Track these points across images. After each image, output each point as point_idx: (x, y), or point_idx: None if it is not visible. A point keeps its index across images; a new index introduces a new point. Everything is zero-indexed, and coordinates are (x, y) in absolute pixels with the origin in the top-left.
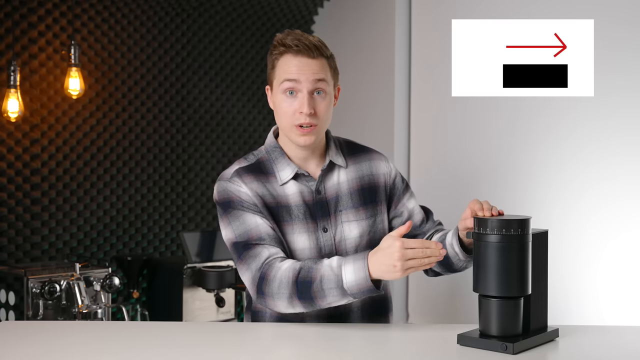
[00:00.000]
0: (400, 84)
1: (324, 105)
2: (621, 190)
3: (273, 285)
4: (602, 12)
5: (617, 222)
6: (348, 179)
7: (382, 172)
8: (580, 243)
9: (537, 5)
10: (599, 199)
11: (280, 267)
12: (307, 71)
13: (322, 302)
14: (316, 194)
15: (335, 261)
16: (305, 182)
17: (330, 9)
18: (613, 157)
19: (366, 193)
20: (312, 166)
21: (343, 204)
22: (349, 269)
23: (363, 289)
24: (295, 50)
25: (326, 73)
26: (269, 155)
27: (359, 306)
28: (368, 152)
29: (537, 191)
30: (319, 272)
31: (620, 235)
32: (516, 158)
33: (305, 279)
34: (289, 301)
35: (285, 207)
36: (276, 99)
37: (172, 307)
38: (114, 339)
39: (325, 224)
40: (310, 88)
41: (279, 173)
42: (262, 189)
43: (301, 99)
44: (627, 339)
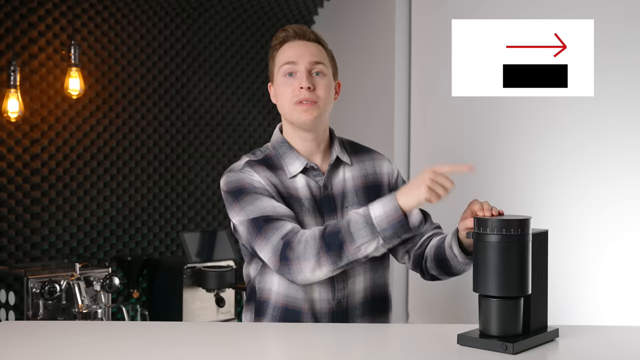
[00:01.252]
0: (400, 84)
1: (322, 84)
2: (621, 190)
3: (299, 248)
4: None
5: (618, 222)
6: (353, 176)
7: (386, 171)
8: (580, 243)
9: (537, 5)
10: (599, 199)
11: (304, 233)
12: (304, 52)
13: (351, 248)
14: (323, 189)
15: (361, 209)
16: (313, 176)
17: (330, 9)
18: (613, 156)
19: (371, 191)
20: (318, 161)
21: (349, 200)
22: (377, 205)
23: (393, 221)
24: (293, 35)
25: (324, 58)
26: (277, 150)
27: (360, 303)
28: (370, 152)
29: (537, 191)
30: (346, 219)
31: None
32: (516, 158)
33: (333, 230)
34: (316, 259)
35: (296, 198)
36: (277, 86)
37: (172, 307)
38: (114, 339)
39: (332, 219)
40: (308, 67)
41: (288, 167)
42: (274, 178)
43: (300, 76)
44: (627, 339)
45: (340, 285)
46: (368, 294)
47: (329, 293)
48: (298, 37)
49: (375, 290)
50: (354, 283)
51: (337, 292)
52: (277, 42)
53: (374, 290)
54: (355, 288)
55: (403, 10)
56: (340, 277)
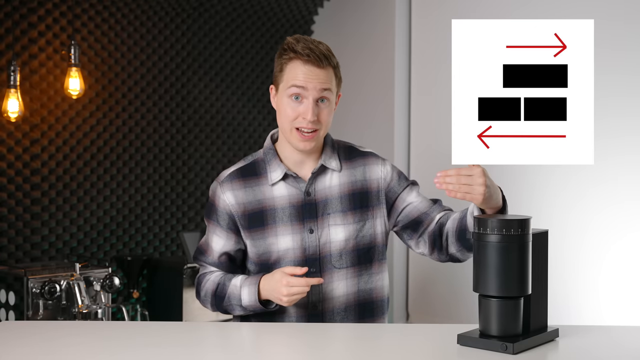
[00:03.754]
0: (400, 83)
1: (326, 112)
2: (622, 190)
3: (201, 294)
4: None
5: (618, 221)
6: (340, 182)
7: (376, 177)
8: (580, 243)
9: (537, 5)
10: (599, 199)
11: (206, 282)
12: (314, 80)
13: (234, 313)
14: (306, 196)
15: (239, 281)
16: (295, 183)
17: (330, 9)
18: (613, 156)
19: (357, 198)
20: (307, 168)
21: (332, 207)
22: (245, 292)
23: (256, 309)
24: (305, 59)
25: (332, 82)
26: (265, 156)
27: (343, 309)
28: (365, 157)
29: (537, 191)
30: (228, 290)
31: (620, 235)
32: None
33: (220, 294)
34: (212, 308)
35: (270, 210)
36: (281, 101)
37: (172, 307)
38: (114, 339)
39: (311, 225)
40: (316, 96)
41: (270, 174)
42: (247, 195)
43: (306, 105)
44: (627, 339)
45: (315, 289)
46: (351, 299)
47: (304, 297)
48: (310, 62)
49: (360, 295)
50: (331, 288)
51: (312, 295)
52: (287, 56)
53: (359, 295)
54: (334, 293)
55: (403, 10)
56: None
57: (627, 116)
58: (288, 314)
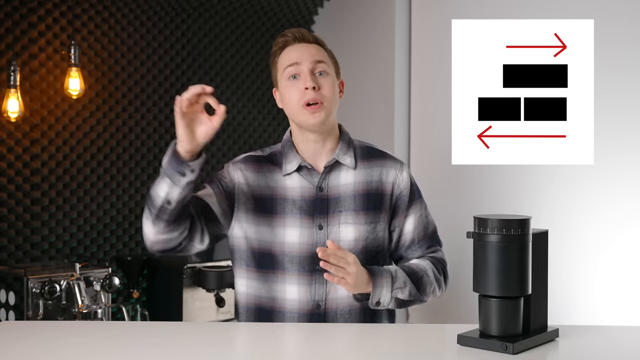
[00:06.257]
0: (400, 84)
1: (327, 83)
2: (621, 189)
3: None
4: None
5: (618, 221)
6: (355, 181)
7: (391, 180)
8: (580, 243)
9: (537, 5)
10: (599, 199)
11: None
12: (305, 54)
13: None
14: (318, 191)
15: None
16: (308, 177)
17: (330, 9)
18: (613, 156)
19: (371, 198)
20: (321, 161)
21: (344, 205)
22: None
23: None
24: (292, 39)
25: (325, 57)
26: (282, 149)
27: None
28: (383, 158)
29: (537, 191)
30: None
31: (621, 235)
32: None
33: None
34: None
35: (281, 199)
36: (284, 90)
37: (172, 307)
38: (114, 339)
39: (321, 221)
40: (311, 67)
41: (286, 165)
42: (258, 180)
43: (304, 77)
44: (627, 339)
45: (319, 286)
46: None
47: (307, 294)
48: (297, 40)
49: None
50: (336, 287)
51: (315, 293)
52: (277, 47)
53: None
54: (338, 293)
55: (403, 10)
56: (320, 280)
57: (627, 115)
58: (290, 312)
